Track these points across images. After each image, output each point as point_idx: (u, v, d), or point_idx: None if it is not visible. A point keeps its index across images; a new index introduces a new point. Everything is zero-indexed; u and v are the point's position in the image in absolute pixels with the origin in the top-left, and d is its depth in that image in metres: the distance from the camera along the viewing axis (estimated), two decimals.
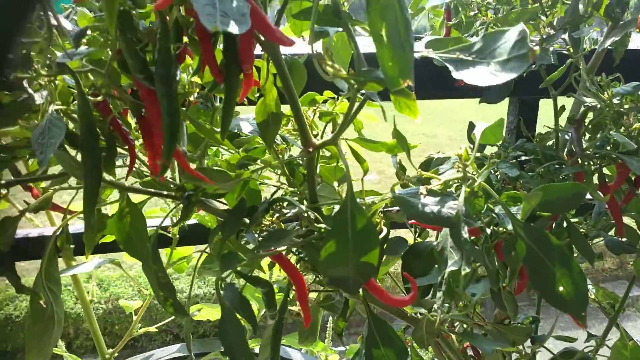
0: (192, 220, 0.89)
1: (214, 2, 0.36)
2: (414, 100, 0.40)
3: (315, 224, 0.53)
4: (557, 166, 0.69)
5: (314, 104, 0.63)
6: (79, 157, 0.54)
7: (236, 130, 0.58)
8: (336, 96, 0.64)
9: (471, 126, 0.77)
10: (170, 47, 0.40)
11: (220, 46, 0.48)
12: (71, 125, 0.52)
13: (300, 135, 0.51)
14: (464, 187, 0.51)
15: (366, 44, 0.46)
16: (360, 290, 0.61)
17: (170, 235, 0.86)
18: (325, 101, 0.67)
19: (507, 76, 0.38)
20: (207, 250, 0.61)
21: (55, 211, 0.59)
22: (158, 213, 0.88)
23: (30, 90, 0.41)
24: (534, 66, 0.74)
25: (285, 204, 0.58)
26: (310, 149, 0.51)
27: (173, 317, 0.91)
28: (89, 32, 0.42)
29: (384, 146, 0.61)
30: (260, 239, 0.50)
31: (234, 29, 0.35)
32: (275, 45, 0.46)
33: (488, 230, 0.59)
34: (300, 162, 0.60)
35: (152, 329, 0.96)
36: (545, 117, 1.06)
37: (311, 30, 0.42)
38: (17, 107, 0.42)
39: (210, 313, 0.93)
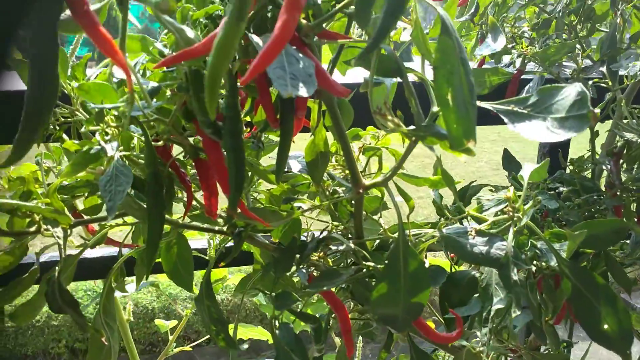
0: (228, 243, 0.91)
1: (283, 64, 0.38)
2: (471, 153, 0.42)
3: (364, 262, 0.54)
4: (595, 197, 0.70)
5: (357, 139, 0.65)
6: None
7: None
8: (378, 131, 0.65)
9: (508, 156, 0.78)
10: (238, 103, 0.41)
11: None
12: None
13: (351, 176, 0.52)
14: (511, 229, 0.52)
15: None
16: None
17: (206, 257, 0.88)
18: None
19: (565, 135, 0.39)
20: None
21: (111, 245, 0.61)
22: (196, 236, 0.90)
23: (102, 143, 0.43)
24: None
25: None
26: (361, 190, 0.52)
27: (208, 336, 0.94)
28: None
29: (427, 181, 0.62)
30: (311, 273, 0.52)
31: (303, 92, 0.37)
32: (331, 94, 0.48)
33: (532, 267, 0.59)
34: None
35: (187, 348, 0.98)
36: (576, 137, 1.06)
37: (370, 83, 0.44)
38: (88, 157, 0.44)
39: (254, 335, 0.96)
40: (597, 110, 0.37)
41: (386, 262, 0.48)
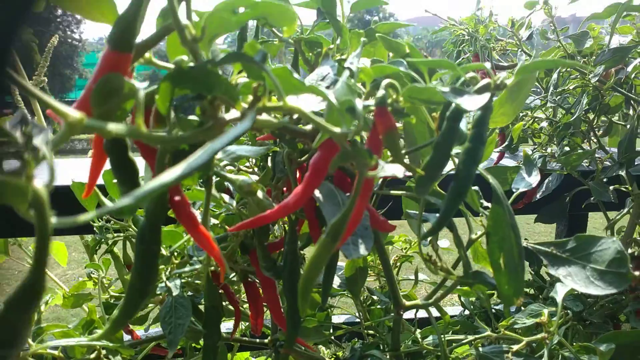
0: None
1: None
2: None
3: None
4: (618, 298, 0.73)
5: (390, 244, 0.68)
6: None
7: None
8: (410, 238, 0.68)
9: None
10: (297, 249, 0.44)
11: None
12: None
13: (392, 298, 0.55)
14: (546, 352, 0.55)
15: None
16: None
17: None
18: None
19: (605, 289, 0.41)
20: None
21: (157, 353, 0.63)
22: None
23: (168, 283, 0.45)
24: (592, 199, 0.78)
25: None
26: (401, 311, 0.55)
27: None
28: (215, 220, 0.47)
29: (460, 291, 0.64)
30: None
31: (363, 250, 0.40)
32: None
33: None
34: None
35: None
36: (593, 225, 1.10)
37: (420, 232, 0.47)
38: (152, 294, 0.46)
39: None
40: (638, 273, 0.39)
41: None
